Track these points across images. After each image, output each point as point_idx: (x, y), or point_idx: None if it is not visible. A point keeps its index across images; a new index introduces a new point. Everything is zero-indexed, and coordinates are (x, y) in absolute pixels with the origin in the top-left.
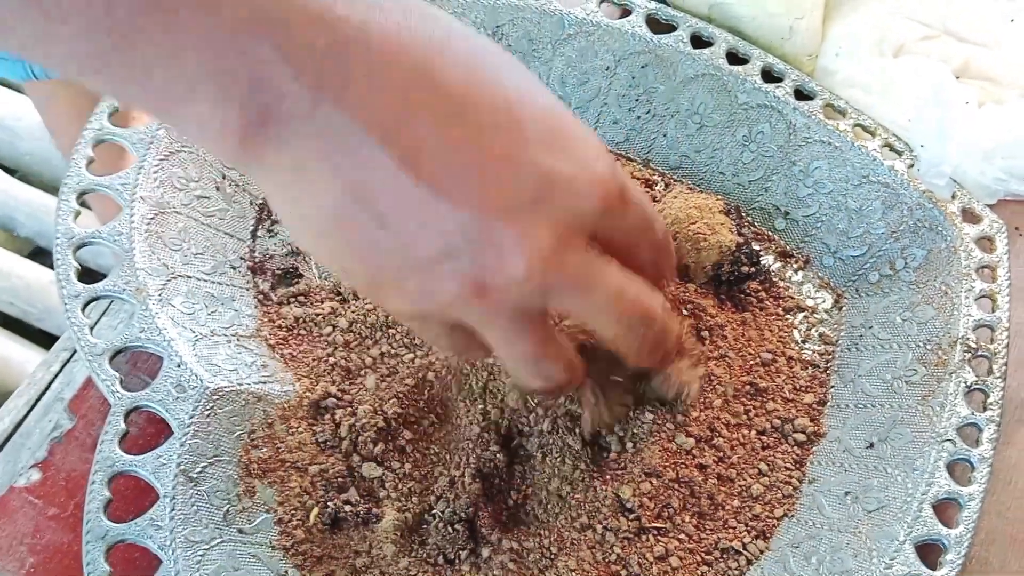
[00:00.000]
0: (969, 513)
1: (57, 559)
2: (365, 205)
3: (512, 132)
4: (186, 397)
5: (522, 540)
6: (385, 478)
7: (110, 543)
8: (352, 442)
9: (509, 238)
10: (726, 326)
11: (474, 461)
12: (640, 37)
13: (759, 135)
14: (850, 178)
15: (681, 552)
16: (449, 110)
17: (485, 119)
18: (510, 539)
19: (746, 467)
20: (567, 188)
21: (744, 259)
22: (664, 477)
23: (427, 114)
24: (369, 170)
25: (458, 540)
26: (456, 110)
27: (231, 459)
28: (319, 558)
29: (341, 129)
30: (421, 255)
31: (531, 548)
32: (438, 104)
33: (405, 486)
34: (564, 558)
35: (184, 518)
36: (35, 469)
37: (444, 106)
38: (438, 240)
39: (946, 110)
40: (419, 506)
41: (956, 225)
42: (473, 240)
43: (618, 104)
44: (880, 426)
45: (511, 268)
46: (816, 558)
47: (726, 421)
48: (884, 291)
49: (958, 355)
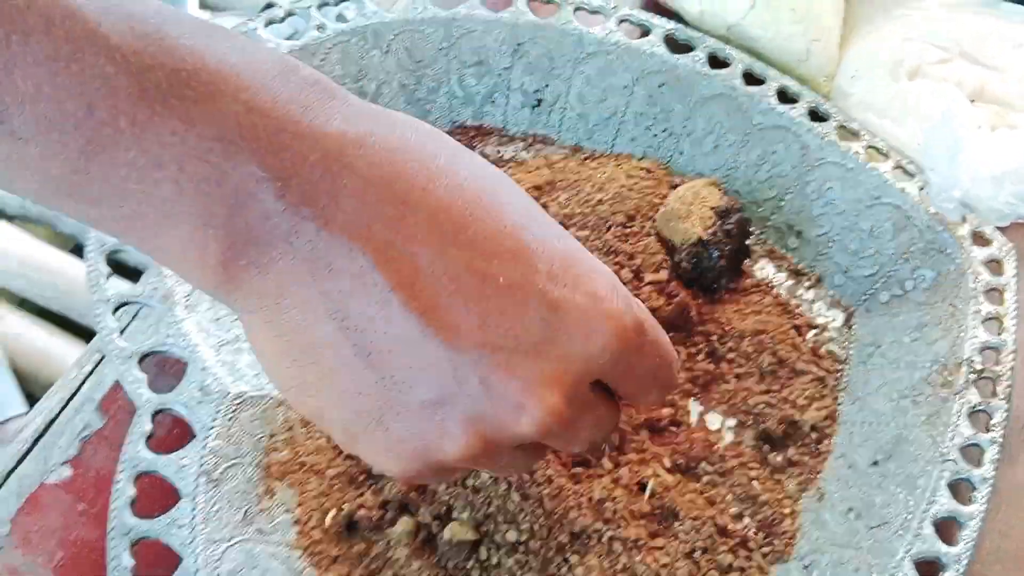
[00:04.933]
0: (968, 532)
1: (85, 554)
2: (351, 334)
3: (518, 261)
4: (209, 401)
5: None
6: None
7: (133, 539)
8: None
9: (514, 390)
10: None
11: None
12: (658, 57)
13: (773, 155)
14: (862, 199)
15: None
16: (450, 235)
17: (489, 246)
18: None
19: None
20: (578, 326)
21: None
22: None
23: (426, 238)
24: (358, 295)
25: (463, 553)
26: (458, 235)
27: (252, 461)
28: (335, 558)
29: (330, 250)
30: (413, 398)
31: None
32: (438, 228)
33: (418, 493)
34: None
35: (205, 517)
36: (66, 466)
37: (445, 230)
38: (432, 381)
39: (957, 133)
40: (432, 511)
41: (965, 248)
42: (473, 386)
43: (635, 122)
44: (885, 444)
45: (515, 426)
46: (817, 572)
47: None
48: (894, 311)
49: (963, 377)
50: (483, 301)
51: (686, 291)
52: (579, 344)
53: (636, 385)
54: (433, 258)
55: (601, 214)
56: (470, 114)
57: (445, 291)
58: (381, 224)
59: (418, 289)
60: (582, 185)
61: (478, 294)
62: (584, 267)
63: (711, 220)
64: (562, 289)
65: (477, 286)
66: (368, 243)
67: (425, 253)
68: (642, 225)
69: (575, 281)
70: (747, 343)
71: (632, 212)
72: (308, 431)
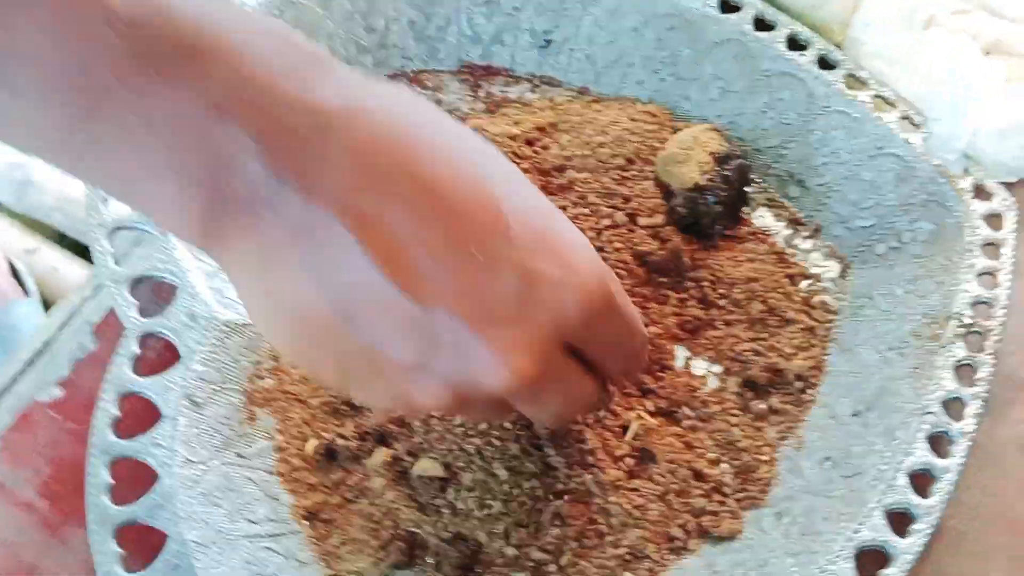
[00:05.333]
0: (943, 485)
1: (69, 471)
2: (333, 300)
3: (496, 231)
4: (197, 326)
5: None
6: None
7: (113, 457)
8: None
9: (488, 353)
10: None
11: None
12: (669, 0)
13: (779, 102)
14: (866, 149)
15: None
16: (431, 205)
17: (469, 216)
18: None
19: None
20: (551, 294)
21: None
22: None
23: (407, 207)
24: (339, 262)
25: (432, 488)
26: (439, 205)
27: (236, 387)
28: (312, 486)
29: (312, 219)
30: (392, 359)
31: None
32: (420, 198)
33: (397, 428)
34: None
35: (185, 439)
36: (57, 387)
37: (426, 200)
38: (411, 343)
39: (964, 84)
40: (406, 446)
41: (965, 201)
42: (448, 347)
43: (643, 66)
44: (868, 395)
45: (488, 385)
46: (788, 519)
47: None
48: (889, 263)
49: (951, 330)
50: (459, 270)
51: (681, 236)
52: (550, 311)
53: (603, 351)
54: (413, 229)
55: (601, 156)
56: (478, 53)
57: (423, 260)
58: (363, 195)
59: (396, 258)
60: (584, 127)
61: (454, 263)
62: (560, 238)
63: (709, 165)
64: (536, 258)
65: (454, 256)
66: (349, 213)
67: (405, 224)
68: (641, 169)
69: (549, 251)
70: (738, 290)
71: (632, 155)
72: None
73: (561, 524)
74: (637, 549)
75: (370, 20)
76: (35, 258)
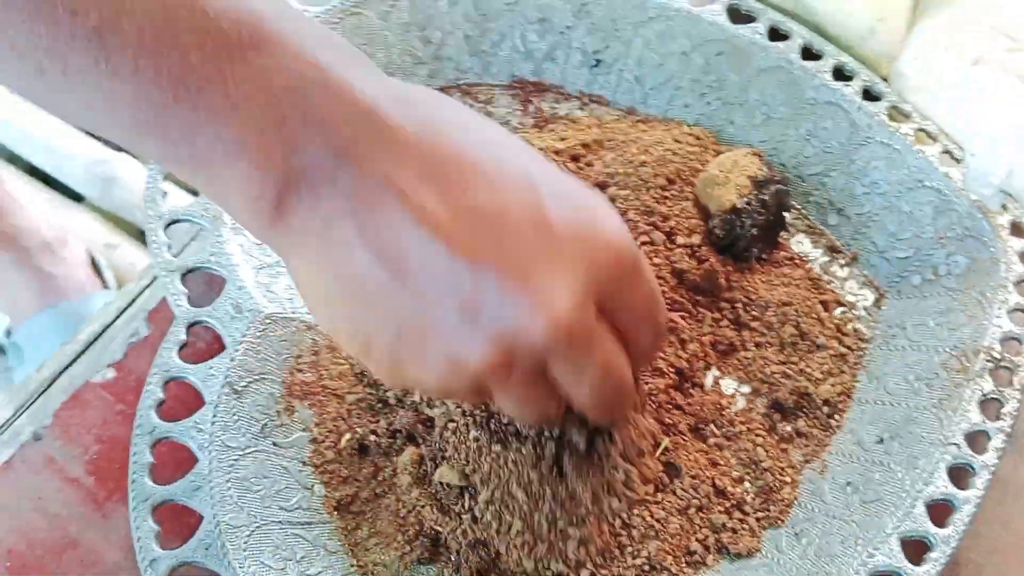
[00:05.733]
0: (961, 516)
1: (117, 450)
2: (386, 262)
3: (528, 192)
4: (242, 318)
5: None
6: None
7: (156, 438)
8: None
9: (529, 298)
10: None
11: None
12: (718, 25)
13: (822, 131)
14: (905, 181)
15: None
16: (472, 175)
17: (501, 180)
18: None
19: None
20: (583, 248)
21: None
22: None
23: (449, 178)
24: (391, 229)
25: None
26: (479, 176)
27: (276, 379)
28: (345, 478)
29: (366, 190)
30: (441, 315)
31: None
32: (461, 170)
33: (424, 428)
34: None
35: (224, 425)
36: (111, 368)
37: (467, 172)
38: (459, 299)
39: (1004, 122)
40: (431, 451)
41: (1002, 237)
42: (493, 301)
43: (691, 89)
44: (893, 423)
45: (531, 331)
46: (806, 540)
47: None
48: (924, 295)
49: (980, 363)
50: (498, 227)
51: (717, 257)
52: (584, 265)
53: (630, 316)
54: (456, 196)
55: (643, 175)
56: (530, 70)
57: (466, 221)
58: (411, 169)
59: (441, 221)
60: (628, 146)
61: (494, 222)
62: (589, 201)
63: (747, 189)
64: (567, 217)
65: (493, 215)
66: (398, 183)
67: (449, 190)
68: (681, 189)
69: (579, 211)
70: (771, 313)
71: (673, 176)
72: (334, 356)
73: (583, 542)
74: (656, 561)
75: (427, 32)
76: (116, 253)
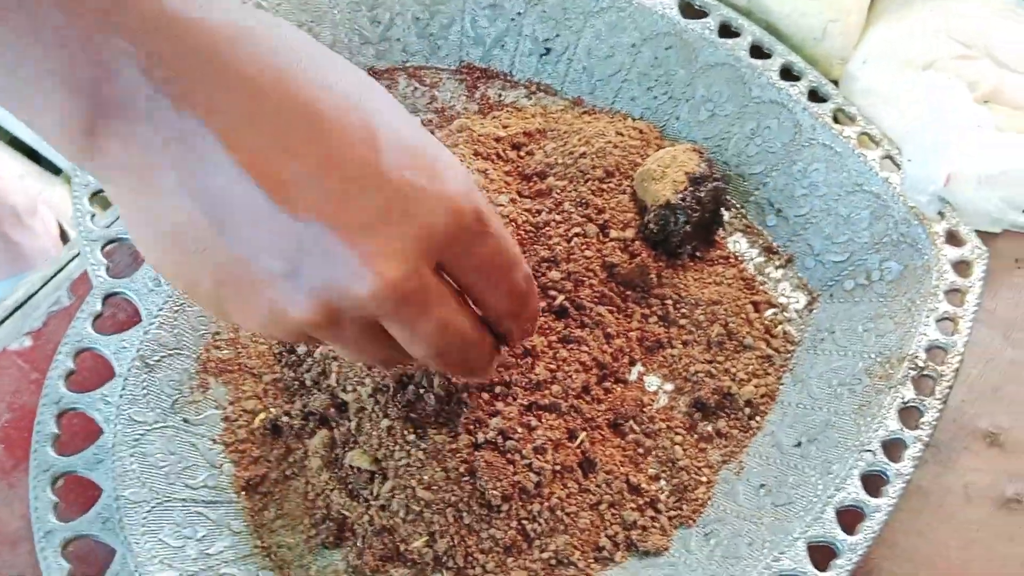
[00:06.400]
0: (871, 523)
1: (29, 418)
2: (207, 209)
3: (365, 144)
4: (160, 291)
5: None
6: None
7: (62, 408)
8: (302, 360)
9: (355, 259)
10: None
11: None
12: (669, 19)
13: (766, 130)
14: (844, 184)
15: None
16: (301, 119)
17: (338, 129)
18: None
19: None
20: (418, 205)
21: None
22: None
23: (277, 121)
24: (211, 173)
25: (361, 479)
26: (309, 120)
27: (191, 354)
28: (256, 458)
29: (185, 128)
30: (263, 268)
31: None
32: (290, 114)
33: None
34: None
35: (132, 399)
36: (28, 337)
37: (297, 116)
38: (281, 253)
39: (944, 128)
40: (343, 436)
41: (936, 245)
42: (317, 257)
43: (638, 82)
44: (812, 427)
45: (355, 292)
46: (715, 540)
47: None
48: (856, 299)
49: (903, 371)
50: (328, 179)
51: (649, 252)
52: (417, 221)
53: (477, 276)
54: (285, 142)
55: (581, 167)
56: (479, 55)
57: (293, 172)
58: (236, 108)
59: (266, 168)
60: (570, 137)
61: (325, 175)
62: (433, 159)
63: (683, 185)
64: (406, 174)
65: (324, 168)
66: (222, 125)
67: (276, 137)
68: (620, 182)
69: (420, 166)
70: (700, 311)
71: (612, 168)
72: (253, 336)
73: (490, 537)
74: (563, 556)
75: (375, 12)
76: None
